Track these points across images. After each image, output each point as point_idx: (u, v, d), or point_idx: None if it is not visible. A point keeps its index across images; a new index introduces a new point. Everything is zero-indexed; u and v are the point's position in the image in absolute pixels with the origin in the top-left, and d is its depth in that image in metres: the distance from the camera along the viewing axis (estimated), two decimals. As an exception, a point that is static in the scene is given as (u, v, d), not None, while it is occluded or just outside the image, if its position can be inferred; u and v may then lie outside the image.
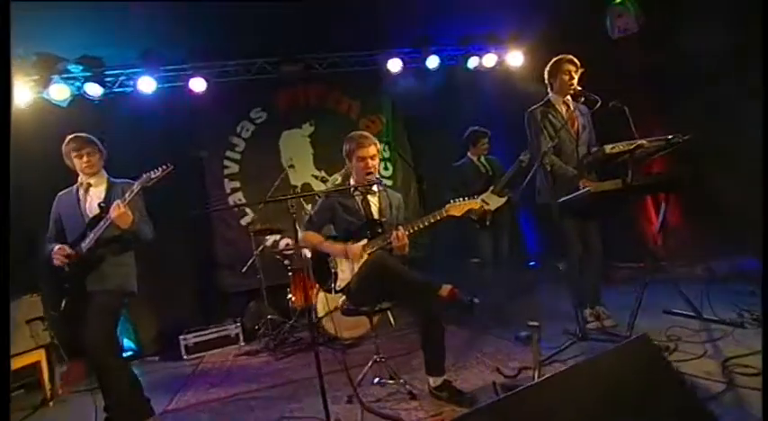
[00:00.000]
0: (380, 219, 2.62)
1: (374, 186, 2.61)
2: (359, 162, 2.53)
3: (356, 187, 2.58)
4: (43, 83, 4.33)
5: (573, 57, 3.01)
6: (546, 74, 3.12)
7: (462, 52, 5.54)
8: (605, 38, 4.39)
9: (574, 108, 3.08)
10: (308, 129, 5.52)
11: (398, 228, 2.43)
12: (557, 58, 3.05)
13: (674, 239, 3.75)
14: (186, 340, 4.36)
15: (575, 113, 3.07)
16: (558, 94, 3.08)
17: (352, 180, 2.64)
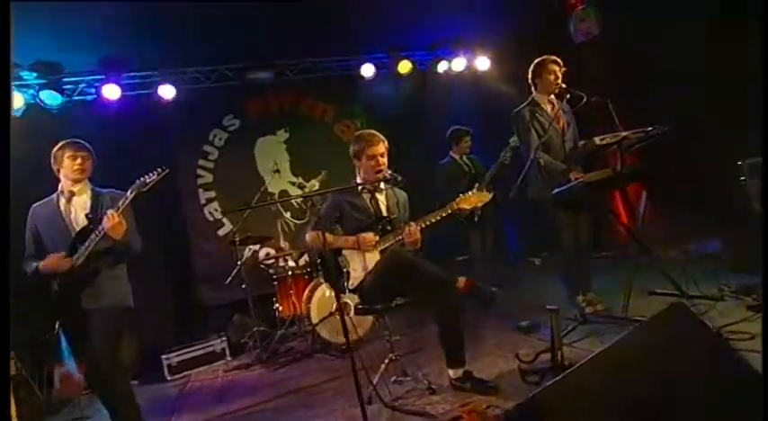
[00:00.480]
0: (390, 216, 2.63)
1: (381, 184, 2.63)
2: (369, 160, 2.54)
3: (364, 185, 2.58)
4: (-9, 91, 3.98)
5: (556, 57, 3.17)
6: (530, 74, 3.25)
7: (432, 57, 5.69)
8: (569, 42, 4.66)
9: (558, 106, 3.24)
10: (282, 135, 5.44)
11: (410, 224, 2.46)
12: (540, 58, 3.19)
13: (650, 226, 4.02)
14: (169, 359, 4.11)
15: (559, 111, 3.24)
16: (543, 92, 3.22)
17: (360, 178, 2.64)
